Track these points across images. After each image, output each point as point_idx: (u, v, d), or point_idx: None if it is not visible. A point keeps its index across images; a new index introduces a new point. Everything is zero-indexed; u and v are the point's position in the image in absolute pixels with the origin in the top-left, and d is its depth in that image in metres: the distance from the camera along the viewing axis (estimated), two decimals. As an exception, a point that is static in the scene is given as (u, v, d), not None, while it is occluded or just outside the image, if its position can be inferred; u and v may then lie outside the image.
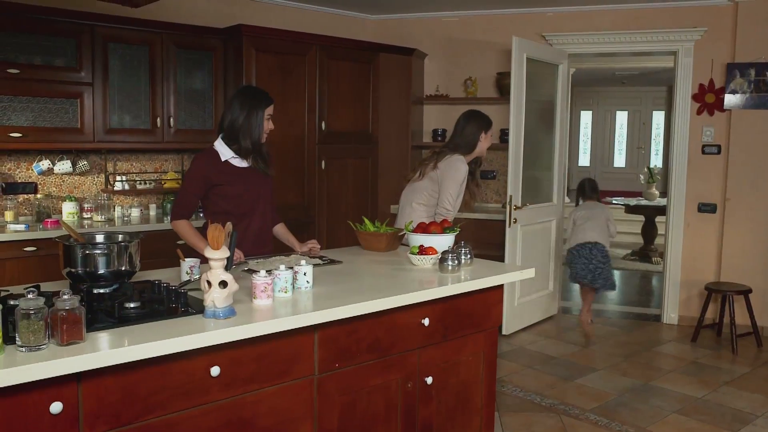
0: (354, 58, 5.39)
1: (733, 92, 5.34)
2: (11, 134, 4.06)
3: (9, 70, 4.00)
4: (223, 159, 2.92)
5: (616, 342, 5.18)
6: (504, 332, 5.22)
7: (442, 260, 2.74)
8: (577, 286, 6.07)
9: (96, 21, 4.27)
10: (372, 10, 6.06)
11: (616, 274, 8.02)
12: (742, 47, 5.30)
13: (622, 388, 4.18)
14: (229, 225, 2.14)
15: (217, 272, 1.97)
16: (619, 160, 15.10)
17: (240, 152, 2.93)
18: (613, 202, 9.46)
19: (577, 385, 4.23)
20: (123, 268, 2.16)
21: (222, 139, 2.94)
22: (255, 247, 2.97)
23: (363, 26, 6.20)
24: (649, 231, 8.97)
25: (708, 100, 5.46)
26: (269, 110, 2.94)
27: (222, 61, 4.88)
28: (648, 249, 8.89)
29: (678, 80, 5.57)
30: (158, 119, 4.62)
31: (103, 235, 2.32)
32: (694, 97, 5.52)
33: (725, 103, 5.38)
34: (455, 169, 3.58)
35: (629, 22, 5.63)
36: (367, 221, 3.28)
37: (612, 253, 9.18)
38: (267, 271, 2.23)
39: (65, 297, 1.69)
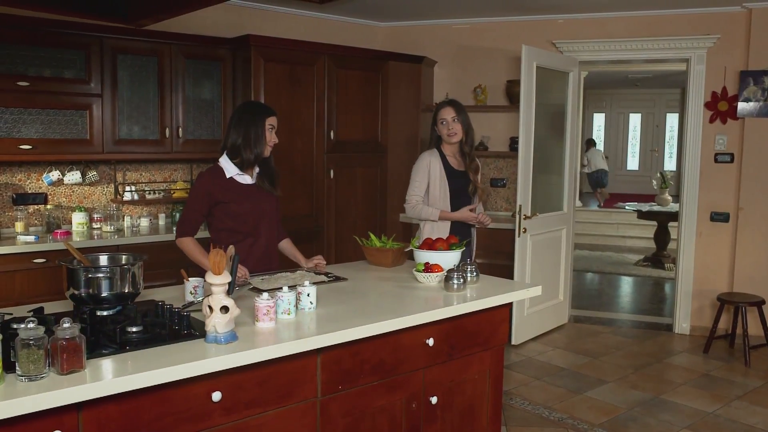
0: (363, 67, 5.38)
1: (747, 100, 5.27)
2: (21, 146, 4.09)
3: (19, 83, 4.02)
4: (228, 176, 2.91)
5: (626, 353, 5.14)
6: (513, 342, 5.19)
7: (448, 278, 2.72)
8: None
9: (105, 33, 4.29)
10: (381, 18, 6.05)
11: (628, 280, 7.99)
12: (756, 54, 5.24)
13: (632, 402, 4.14)
14: (231, 249, 2.13)
15: (219, 297, 1.96)
16: (632, 163, 15.01)
17: (243, 165, 2.92)
18: (626, 207, 9.39)
19: (587, 398, 4.19)
20: (126, 291, 2.16)
21: (227, 155, 2.94)
22: (260, 264, 2.97)
23: (372, 34, 6.19)
24: (661, 237, 8.89)
25: (721, 108, 5.40)
26: (270, 121, 2.92)
27: (230, 71, 4.89)
28: (661, 255, 8.80)
29: (690, 88, 5.51)
30: (167, 129, 4.63)
31: (106, 257, 2.32)
32: (707, 105, 5.46)
33: (738, 111, 5.31)
34: (415, 162, 3.73)
35: (641, 29, 5.57)
36: (373, 237, 3.27)
37: (623, 258, 9.18)
38: (270, 293, 2.22)
39: (65, 325, 1.69)
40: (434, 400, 2.57)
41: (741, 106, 5.30)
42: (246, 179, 2.95)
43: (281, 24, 5.51)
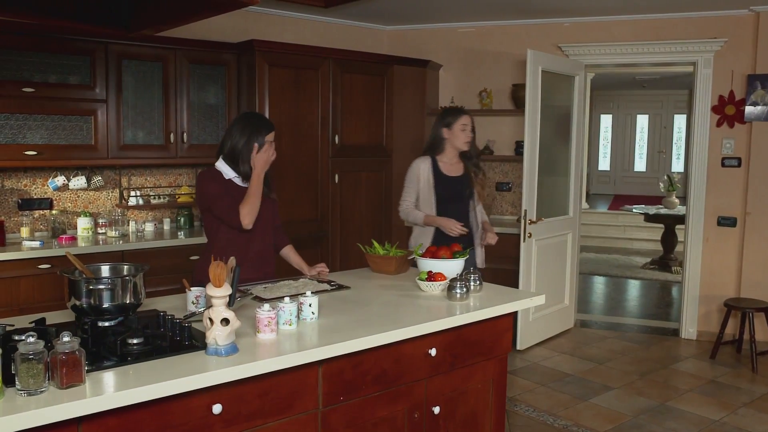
0: (368, 71, 5.37)
1: (754, 104, 5.23)
2: (26, 152, 4.10)
3: (24, 89, 4.03)
4: (226, 178, 2.92)
5: (632, 358, 5.11)
6: (518, 347, 5.17)
7: (451, 287, 2.70)
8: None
9: (109, 38, 4.30)
10: (387, 22, 6.04)
11: (635, 284, 7.95)
12: (764, 58, 5.19)
13: (638, 409, 4.11)
14: (231, 260, 2.13)
15: (219, 309, 1.96)
16: (640, 165, 14.93)
17: (240, 174, 2.93)
18: (633, 210, 9.34)
19: (592, 405, 4.17)
20: (127, 302, 2.16)
21: (223, 159, 2.94)
22: (255, 269, 2.95)
23: (378, 37, 6.18)
24: (669, 240, 8.84)
25: (728, 111, 5.36)
26: (270, 137, 2.91)
27: (235, 76, 4.89)
28: (668, 258, 8.76)
29: (697, 91, 5.47)
30: (172, 135, 4.64)
31: (108, 267, 2.32)
32: (714, 109, 5.42)
33: (745, 115, 5.27)
34: (408, 170, 3.80)
35: (648, 32, 5.54)
36: (376, 244, 3.25)
37: (630, 261, 9.14)
38: (271, 304, 2.21)
39: (65, 339, 1.69)
40: (437, 410, 2.56)
41: (748, 110, 5.26)
42: (243, 182, 2.95)
43: (286, 28, 5.51)
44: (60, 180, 4.48)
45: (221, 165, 2.94)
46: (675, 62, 5.72)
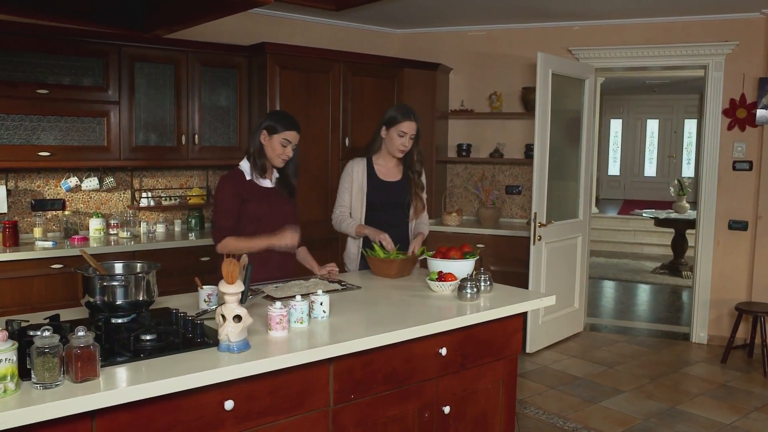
0: (378, 74, 5.39)
1: (766, 107, 5.21)
2: (40, 153, 4.14)
3: (38, 91, 4.08)
4: (248, 178, 2.97)
5: (642, 362, 5.08)
6: (528, 350, 5.16)
7: (461, 288, 2.71)
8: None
9: (122, 41, 4.34)
10: (397, 25, 6.06)
11: (645, 288, 7.91)
12: (775, 61, 5.18)
13: (648, 413, 4.09)
14: (244, 258, 2.14)
15: (232, 306, 1.97)
16: (650, 170, 14.88)
17: (256, 169, 2.97)
18: (643, 214, 9.31)
19: (602, 408, 4.16)
20: (140, 299, 2.18)
21: (248, 158, 3.01)
22: (279, 269, 2.99)
23: (388, 40, 6.20)
24: (679, 244, 8.80)
25: (739, 115, 5.34)
26: (286, 135, 2.93)
27: (246, 79, 4.92)
28: (678, 263, 8.72)
29: (708, 95, 5.46)
30: (183, 137, 4.67)
31: (121, 265, 2.34)
32: (725, 112, 5.40)
33: (757, 118, 5.25)
34: (343, 172, 3.47)
35: (658, 35, 5.53)
36: (377, 247, 3.20)
37: (640, 266, 9.10)
38: (283, 302, 2.23)
39: (80, 334, 1.71)
40: (447, 409, 2.56)
41: (760, 113, 5.24)
42: (266, 183, 3.00)
43: (296, 31, 5.54)
44: (72, 181, 4.52)
45: (244, 165, 3.01)
46: (686, 65, 5.71)
